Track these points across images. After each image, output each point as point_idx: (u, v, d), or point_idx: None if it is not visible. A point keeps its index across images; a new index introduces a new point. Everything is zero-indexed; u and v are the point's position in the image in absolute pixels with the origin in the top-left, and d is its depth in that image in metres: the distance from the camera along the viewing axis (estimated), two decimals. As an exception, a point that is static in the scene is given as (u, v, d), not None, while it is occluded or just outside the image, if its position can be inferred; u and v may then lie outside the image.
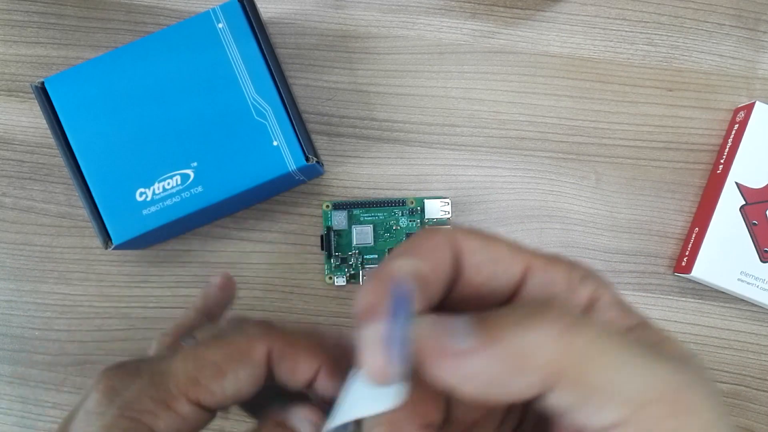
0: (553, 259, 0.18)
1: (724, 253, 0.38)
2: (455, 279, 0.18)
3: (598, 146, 0.41)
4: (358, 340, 0.16)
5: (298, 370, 0.23)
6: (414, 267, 0.17)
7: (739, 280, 0.38)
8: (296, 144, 0.35)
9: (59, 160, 0.40)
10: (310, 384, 0.23)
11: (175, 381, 0.21)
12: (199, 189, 0.35)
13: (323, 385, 0.23)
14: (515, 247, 0.18)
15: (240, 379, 0.22)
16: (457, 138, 0.41)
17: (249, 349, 0.22)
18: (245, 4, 0.36)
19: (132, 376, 0.22)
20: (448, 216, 0.40)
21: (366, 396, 0.17)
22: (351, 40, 0.41)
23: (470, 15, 0.41)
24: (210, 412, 0.22)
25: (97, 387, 0.21)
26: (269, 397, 0.23)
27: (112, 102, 0.35)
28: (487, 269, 0.18)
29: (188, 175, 0.35)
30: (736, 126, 0.40)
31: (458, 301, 0.18)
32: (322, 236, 0.40)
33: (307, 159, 0.35)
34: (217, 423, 0.25)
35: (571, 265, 0.18)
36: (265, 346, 0.22)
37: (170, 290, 0.40)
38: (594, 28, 0.41)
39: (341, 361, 0.23)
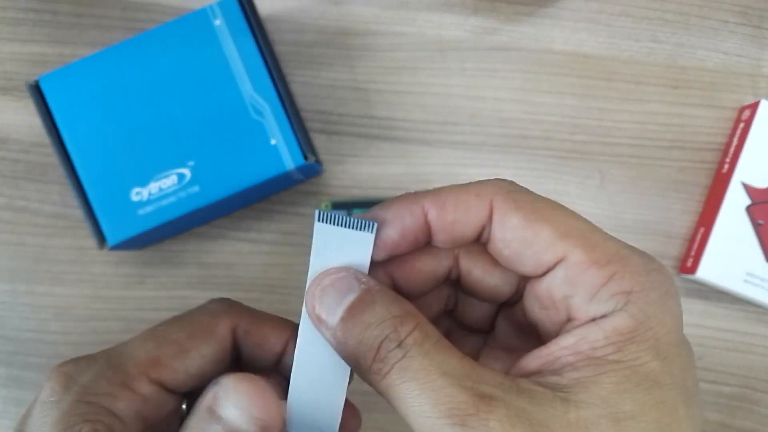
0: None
1: (730, 254, 0.38)
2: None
3: (603, 145, 0.40)
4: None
5: (266, 344, 0.22)
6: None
7: (744, 281, 0.38)
8: (294, 143, 0.35)
9: (54, 159, 0.39)
10: (279, 358, 0.22)
11: (135, 361, 0.21)
12: (196, 189, 0.35)
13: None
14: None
15: (204, 357, 0.21)
16: (459, 136, 0.40)
17: (212, 325, 0.22)
18: (243, 0, 0.35)
19: (88, 362, 0.21)
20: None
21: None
22: (350, 37, 0.40)
23: (472, 11, 0.41)
24: (173, 394, 0.21)
25: (50, 378, 0.20)
26: None
27: (108, 100, 0.35)
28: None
29: (185, 175, 0.35)
30: (742, 125, 0.39)
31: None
32: (321, 236, 0.39)
33: (306, 158, 0.35)
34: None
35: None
36: (228, 322, 0.22)
37: (166, 291, 0.39)
38: (598, 24, 0.41)
39: None
